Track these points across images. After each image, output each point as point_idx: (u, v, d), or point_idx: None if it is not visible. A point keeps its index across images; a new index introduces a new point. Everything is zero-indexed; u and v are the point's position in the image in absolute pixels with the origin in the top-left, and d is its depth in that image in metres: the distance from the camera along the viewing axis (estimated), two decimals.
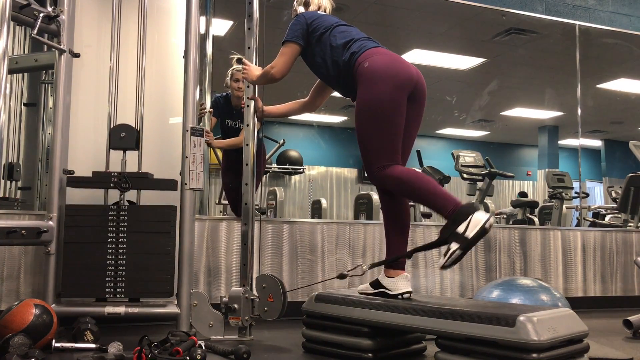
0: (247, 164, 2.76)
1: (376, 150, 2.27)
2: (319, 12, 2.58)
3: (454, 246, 2.06)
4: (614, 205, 5.94)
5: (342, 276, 2.43)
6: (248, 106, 2.76)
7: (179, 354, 2.01)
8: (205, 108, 3.61)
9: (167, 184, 2.66)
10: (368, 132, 2.28)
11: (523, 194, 7.62)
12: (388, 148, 2.26)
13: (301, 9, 2.60)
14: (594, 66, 6.41)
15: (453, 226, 2.07)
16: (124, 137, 2.69)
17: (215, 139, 3.77)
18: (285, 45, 2.46)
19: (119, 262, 2.56)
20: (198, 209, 3.35)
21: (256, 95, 2.77)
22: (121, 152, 2.70)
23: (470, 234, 2.03)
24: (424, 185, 2.19)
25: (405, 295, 2.29)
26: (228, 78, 3.78)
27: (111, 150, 2.71)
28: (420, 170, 5.65)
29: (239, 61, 3.40)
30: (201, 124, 3.54)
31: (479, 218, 2.04)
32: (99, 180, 2.65)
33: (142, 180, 2.66)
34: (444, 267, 2.10)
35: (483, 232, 2.02)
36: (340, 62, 2.38)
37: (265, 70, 2.51)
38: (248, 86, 2.77)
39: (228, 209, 4.51)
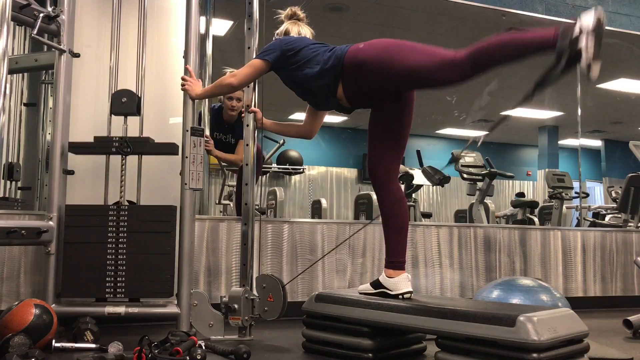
0: (247, 164, 2.76)
1: (430, 62, 2.14)
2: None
3: (582, 42, 1.85)
4: (614, 205, 5.94)
5: (501, 120, 2.24)
6: (249, 112, 2.75)
7: (179, 354, 2.01)
8: (210, 142, 3.59)
9: (168, 148, 2.65)
10: (407, 61, 2.17)
11: (521, 194, 7.63)
12: (434, 51, 2.16)
13: None
14: None
15: (567, 37, 1.87)
16: (125, 102, 2.68)
17: None
18: (256, 59, 2.46)
19: (119, 262, 2.56)
20: (198, 209, 3.35)
21: (255, 106, 2.77)
22: (122, 121, 2.70)
23: (589, 24, 1.84)
24: (509, 40, 2.04)
25: (406, 296, 2.29)
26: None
27: (112, 123, 2.70)
28: (420, 170, 5.67)
29: None
30: None
31: (586, 16, 1.86)
32: (101, 145, 2.64)
33: (144, 145, 2.66)
34: (593, 67, 1.88)
35: (598, 20, 1.84)
36: (329, 62, 2.32)
37: (222, 80, 2.47)
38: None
39: (228, 209, 4.51)
